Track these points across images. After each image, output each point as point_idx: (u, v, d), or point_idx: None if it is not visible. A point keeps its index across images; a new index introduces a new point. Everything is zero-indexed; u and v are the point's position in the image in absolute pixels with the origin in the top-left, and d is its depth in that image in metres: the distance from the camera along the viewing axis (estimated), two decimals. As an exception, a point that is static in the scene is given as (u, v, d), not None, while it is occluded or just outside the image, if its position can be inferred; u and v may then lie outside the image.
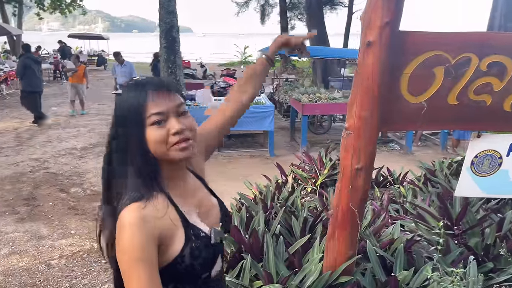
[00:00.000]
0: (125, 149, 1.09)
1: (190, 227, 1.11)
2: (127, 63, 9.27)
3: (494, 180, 2.27)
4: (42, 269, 3.57)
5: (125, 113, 1.09)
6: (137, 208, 1.03)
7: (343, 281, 2.20)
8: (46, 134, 8.45)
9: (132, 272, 1.00)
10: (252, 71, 1.53)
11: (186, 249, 1.08)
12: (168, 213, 1.08)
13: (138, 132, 1.07)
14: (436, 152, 7.58)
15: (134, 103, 1.07)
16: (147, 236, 1.02)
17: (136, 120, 1.07)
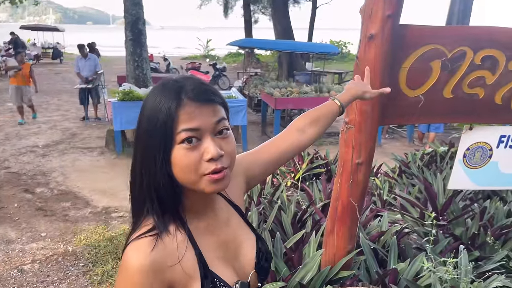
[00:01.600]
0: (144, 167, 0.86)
1: (210, 279, 0.88)
2: (90, 56, 8.88)
3: (485, 172, 2.34)
4: (14, 275, 3.34)
5: (149, 122, 0.84)
6: (150, 246, 0.83)
7: (343, 276, 2.20)
8: (4, 131, 7.94)
9: None
10: (318, 114, 1.27)
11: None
12: (184, 255, 0.86)
13: (162, 149, 0.83)
14: (403, 144, 7.81)
15: (162, 112, 0.83)
16: (156, 285, 0.82)
17: (161, 134, 0.83)
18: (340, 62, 22.61)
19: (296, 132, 1.22)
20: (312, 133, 1.24)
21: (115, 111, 6.52)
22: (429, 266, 2.24)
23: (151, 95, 0.87)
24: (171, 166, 0.84)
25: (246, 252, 0.99)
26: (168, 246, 0.84)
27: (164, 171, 0.84)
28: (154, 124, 0.83)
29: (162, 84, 0.88)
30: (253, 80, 9.96)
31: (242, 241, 1.00)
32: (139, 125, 0.87)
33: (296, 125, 1.24)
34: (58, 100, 11.39)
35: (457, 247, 2.53)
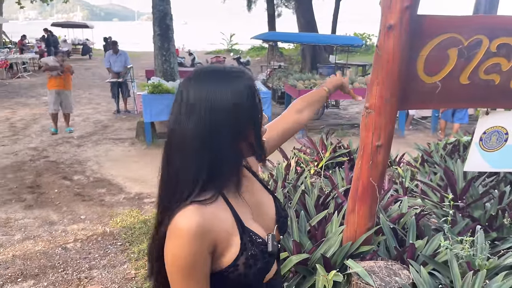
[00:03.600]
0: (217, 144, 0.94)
1: (247, 233, 1.00)
2: (121, 52, 9.24)
3: (501, 154, 2.44)
4: (59, 252, 3.65)
5: (240, 106, 0.95)
6: (197, 212, 0.93)
7: (363, 251, 2.36)
8: (40, 123, 8.40)
9: (181, 282, 0.94)
10: (312, 98, 1.61)
11: (241, 258, 0.98)
12: (224, 217, 0.98)
13: (247, 129, 0.99)
14: (427, 135, 7.83)
15: (252, 99, 0.99)
16: (204, 246, 0.93)
17: (248, 117, 0.98)
18: (364, 54, 22.44)
19: (295, 113, 1.52)
20: (308, 113, 1.55)
21: (145, 104, 6.82)
22: (446, 243, 2.38)
23: (238, 83, 0.97)
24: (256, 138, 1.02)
25: (267, 210, 1.14)
26: (212, 211, 0.95)
27: (242, 147, 1.00)
28: (249, 110, 0.97)
29: (239, 74, 0.99)
30: (276, 73, 10.11)
31: (264, 202, 1.14)
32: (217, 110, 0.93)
33: (295, 107, 1.54)
34: (89, 94, 11.87)
35: (474, 228, 2.65)
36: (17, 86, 13.14)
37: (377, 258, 2.40)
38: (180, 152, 0.95)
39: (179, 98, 0.98)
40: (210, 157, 0.94)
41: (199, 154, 0.94)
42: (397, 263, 2.31)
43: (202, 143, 0.94)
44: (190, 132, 0.94)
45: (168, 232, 0.94)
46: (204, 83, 0.96)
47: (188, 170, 0.95)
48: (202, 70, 1.00)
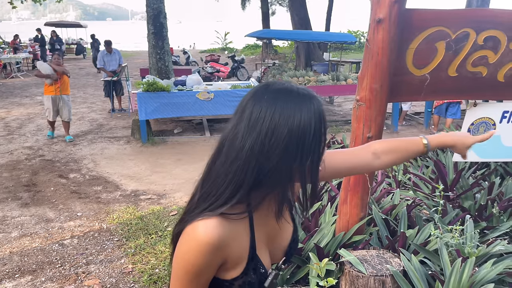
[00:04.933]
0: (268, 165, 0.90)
1: (254, 261, 0.99)
2: (115, 51, 9.24)
3: (488, 145, 2.50)
4: (56, 248, 3.68)
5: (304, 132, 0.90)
6: (220, 226, 0.92)
7: (356, 240, 2.42)
8: (35, 122, 8.39)
9: (181, 282, 0.96)
10: (400, 146, 1.28)
11: (239, 280, 0.98)
12: (242, 239, 0.96)
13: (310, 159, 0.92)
14: (420, 130, 7.90)
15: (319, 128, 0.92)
16: (216, 260, 0.93)
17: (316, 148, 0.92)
18: (358, 52, 22.53)
19: (371, 154, 1.25)
20: (386, 161, 1.25)
21: (140, 102, 6.84)
22: (436, 233, 2.44)
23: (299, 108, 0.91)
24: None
25: (282, 239, 1.09)
26: (234, 229, 0.94)
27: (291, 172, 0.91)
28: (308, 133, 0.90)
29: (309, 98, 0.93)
30: (271, 71, 10.15)
31: (282, 230, 1.08)
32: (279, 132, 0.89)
33: (374, 148, 1.26)
34: (84, 93, 11.85)
35: (464, 218, 2.71)
36: (11, 86, 13.09)
37: (369, 248, 2.46)
38: (230, 161, 0.92)
39: (242, 109, 0.94)
40: (257, 174, 0.91)
41: (248, 168, 0.91)
42: (389, 252, 2.37)
43: (254, 159, 0.90)
44: (247, 146, 0.90)
45: (184, 234, 0.94)
46: (273, 100, 0.91)
47: (232, 181, 0.92)
48: (273, 86, 0.95)
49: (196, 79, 7.75)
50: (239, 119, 0.93)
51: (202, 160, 1.14)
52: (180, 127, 8.02)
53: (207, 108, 7.15)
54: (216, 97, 7.10)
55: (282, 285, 2.26)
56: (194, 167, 5.73)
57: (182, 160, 6.07)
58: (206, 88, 7.36)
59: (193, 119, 8.50)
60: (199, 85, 7.58)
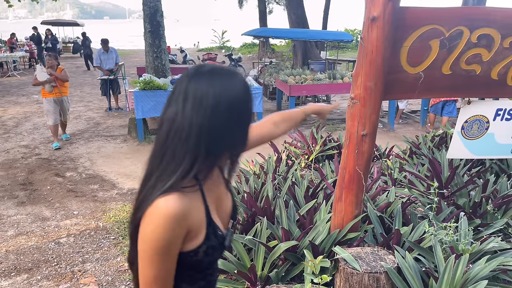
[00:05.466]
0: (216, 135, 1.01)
1: (212, 226, 1.09)
2: (112, 49, 9.22)
3: (482, 142, 2.52)
4: (52, 247, 3.68)
5: (239, 102, 1.03)
6: (178, 200, 0.99)
7: (351, 237, 2.43)
8: (32, 121, 8.37)
9: (154, 261, 1.00)
10: (290, 115, 1.66)
11: (203, 247, 1.07)
12: (198, 207, 1.06)
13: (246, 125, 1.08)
14: (417, 128, 7.93)
15: (249, 96, 1.07)
16: (181, 231, 1.00)
17: (249, 112, 1.07)
18: (354, 50, 22.54)
19: (272, 124, 1.56)
20: (283, 128, 1.60)
21: (137, 100, 6.83)
22: (431, 230, 2.45)
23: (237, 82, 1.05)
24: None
25: (227, 206, 1.22)
26: (190, 200, 1.03)
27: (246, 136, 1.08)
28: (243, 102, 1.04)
29: (236, 73, 1.08)
30: (268, 69, 10.15)
31: (225, 197, 1.22)
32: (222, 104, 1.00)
33: (273, 119, 1.59)
34: (81, 92, 11.82)
35: (458, 215, 2.73)
36: (7, 84, 13.05)
37: (364, 245, 2.47)
38: (183, 140, 1.00)
39: (180, 92, 1.02)
40: (209, 146, 1.01)
41: (201, 143, 1.00)
42: (383, 249, 2.38)
43: (205, 133, 1.00)
44: (196, 125, 0.99)
45: (147, 215, 0.99)
46: (210, 79, 1.02)
47: (187, 159, 1.00)
48: (205, 68, 1.06)
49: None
50: (184, 103, 1.01)
51: None
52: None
53: (204, 107, 7.14)
54: (213, 96, 7.09)
55: (277, 282, 2.27)
56: (191, 165, 5.73)
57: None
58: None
59: (190, 118, 8.49)
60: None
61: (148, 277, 1.03)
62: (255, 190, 3.16)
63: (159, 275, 1.02)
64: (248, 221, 2.66)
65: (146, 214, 0.99)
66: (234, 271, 2.30)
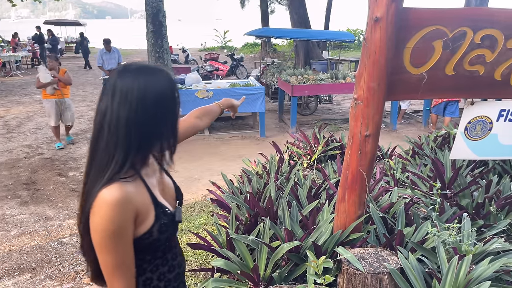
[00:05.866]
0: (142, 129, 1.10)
1: (159, 206, 1.19)
2: (114, 49, 9.24)
3: (485, 143, 2.52)
4: (55, 246, 3.69)
5: (164, 96, 1.13)
6: (120, 187, 1.07)
7: (354, 238, 2.43)
8: (35, 121, 8.39)
9: (110, 248, 1.07)
10: (209, 110, 1.81)
11: (156, 226, 1.16)
12: (142, 191, 1.15)
13: (174, 113, 1.17)
14: (419, 128, 7.92)
15: (174, 91, 1.17)
16: (128, 215, 1.08)
17: (173, 102, 1.16)
18: (357, 50, 22.53)
19: (195, 118, 1.72)
20: (206, 121, 1.77)
21: (139, 100, 6.82)
22: (433, 231, 2.45)
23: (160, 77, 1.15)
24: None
25: (169, 188, 1.34)
26: (132, 187, 1.12)
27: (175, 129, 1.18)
28: (168, 96, 1.14)
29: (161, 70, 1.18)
30: (270, 69, 10.15)
31: (164, 180, 1.33)
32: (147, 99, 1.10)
33: (195, 114, 1.74)
34: (83, 92, 11.84)
35: (461, 216, 2.73)
36: (10, 84, 13.08)
37: (367, 246, 2.47)
38: (114, 135, 1.08)
39: (109, 88, 1.11)
40: (139, 139, 1.10)
41: (131, 136, 1.09)
42: (386, 250, 2.38)
43: (133, 127, 1.09)
44: (123, 118, 1.08)
45: (94, 206, 1.06)
46: (136, 76, 1.12)
47: (119, 151, 1.09)
48: (132, 66, 1.15)
49: (195, 77, 7.75)
50: (112, 98, 1.09)
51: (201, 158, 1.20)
52: (179, 126, 8.03)
53: (206, 107, 7.14)
54: (215, 96, 7.10)
55: (280, 283, 2.27)
56: (194, 165, 5.75)
57: (182, 158, 6.07)
58: (205, 87, 7.37)
59: (192, 118, 8.49)
60: (198, 84, 7.58)
61: (109, 266, 1.09)
62: (257, 191, 3.17)
63: (118, 261, 1.09)
64: (251, 221, 2.67)
65: (93, 206, 1.06)
66: (237, 272, 2.30)
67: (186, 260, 3.31)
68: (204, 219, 4.10)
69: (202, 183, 5.16)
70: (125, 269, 1.11)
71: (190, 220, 4.09)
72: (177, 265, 1.33)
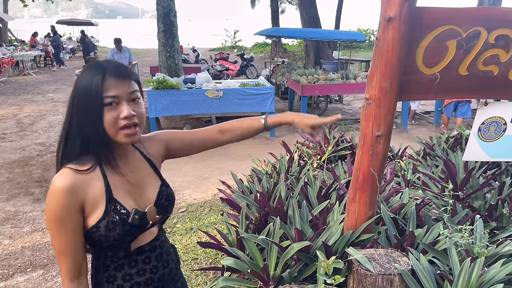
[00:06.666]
0: (80, 123, 1.16)
1: (113, 202, 1.18)
2: (125, 48, 9.32)
3: (499, 144, 2.49)
4: (67, 243, 3.73)
5: (85, 91, 1.15)
6: (69, 175, 1.12)
7: (364, 239, 2.41)
8: (47, 119, 8.49)
9: (54, 232, 1.13)
10: (242, 126, 1.53)
11: (103, 222, 1.16)
12: (95, 185, 1.16)
13: (93, 109, 1.14)
14: (430, 129, 7.84)
15: (92, 83, 1.14)
16: (71, 204, 1.11)
17: (92, 99, 1.14)
18: (367, 50, 22.40)
19: (217, 131, 1.54)
20: (229, 137, 1.53)
21: (150, 99, 6.88)
22: (445, 232, 2.43)
23: (83, 73, 1.19)
24: (101, 121, 1.15)
25: (149, 192, 1.31)
26: (84, 178, 1.15)
27: (94, 123, 1.15)
28: (88, 94, 1.14)
29: (91, 65, 1.20)
30: (280, 69, 10.14)
31: (148, 184, 1.31)
32: (74, 94, 1.18)
33: (220, 126, 1.55)
34: (94, 91, 11.96)
35: (474, 218, 2.69)
36: (23, 83, 13.26)
37: (378, 246, 2.45)
38: (63, 130, 1.20)
39: (76, 84, 1.20)
40: (77, 135, 1.17)
41: (70, 133, 1.18)
42: (397, 251, 2.37)
43: (70, 123, 1.18)
44: (66, 113, 1.20)
45: (49, 189, 1.14)
46: (81, 73, 1.21)
47: (66, 145, 1.18)
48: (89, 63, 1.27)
49: (205, 77, 7.77)
50: None
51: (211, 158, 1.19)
52: (190, 125, 8.07)
53: (216, 106, 7.18)
54: (225, 95, 7.12)
55: (290, 282, 2.27)
56: (204, 164, 5.77)
57: (192, 158, 6.09)
58: (215, 86, 7.38)
59: (202, 117, 8.53)
60: (208, 83, 7.60)
61: (55, 249, 1.16)
62: (267, 190, 3.17)
63: (61, 247, 1.15)
64: (261, 220, 2.67)
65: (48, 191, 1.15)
66: (247, 271, 2.31)
67: (195, 258, 3.32)
68: (214, 218, 4.12)
69: (212, 182, 5.18)
70: (67, 255, 1.16)
71: (200, 219, 4.11)
72: (151, 270, 1.30)
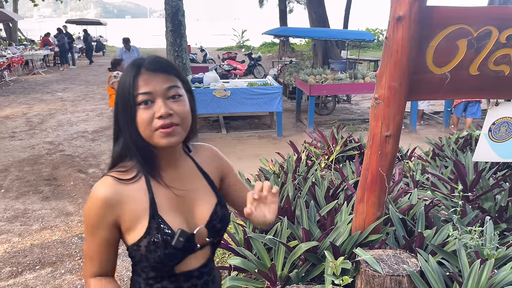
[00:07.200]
0: (122, 127, 1.07)
1: (156, 220, 1.06)
2: (134, 48, 9.36)
3: (510, 145, 2.45)
4: (75, 241, 3.76)
5: (119, 90, 1.07)
6: (110, 186, 1.05)
7: (372, 239, 2.40)
8: (56, 118, 8.57)
9: (86, 235, 1.11)
10: None
11: (144, 241, 1.04)
12: (138, 197, 1.06)
13: (127, 109, 1.04)
14: (439, 130, 7.78)
15: (126, 81, 1.05)
16: (104, 216, 1.04)
17: (125, 98, 1.04)
18: (376, 50, 22.28)
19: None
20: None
21: (158, 98, 6.89)
22: (455, 233, 2.40)
23: (124, 71, 1.10)
24: (135, 122, 1.04)
25: (201, 210, 1.15)
26: (126, 190, 1.06)
27: (129, 125, 1.04)
28: (123, 92, 1.05)
29: (131, 62, 1.10)
30: (288, 68, 10.12)
31: (200, 201, 1.16)
32: (116, 94, 1.10)
33: None
34: (103, 90, 12.01)
35: (483, 219, 2.67)
36: (32, 82, 13.39)
37: (386, 247, 2.44)
38: (113, 133, 1.13)
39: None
40: (120, 139, 1.09)
41: (117, 136, 1.11)
42: (406, 252, 2.35)
43: (116, 126, 1.11)
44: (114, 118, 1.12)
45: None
46: None
47: (113, 149, 1.12)
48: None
49: (213, 76, 7.78)
50: None
51: None
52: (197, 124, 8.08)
53: (223, 106, 7.18)
54: (232, 95, 7.12)
55: (297, 283, 2.26)
56: (211, 164, 5.76)
57: (198, 157, 6.11)
58: (223, 86, 7.39)
59: (209, 117, 8.55)
60: (216, 83, 7.61)
61: (84, 249, 1.14)
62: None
63: (89, 252, 1.12)
64: (268, 220, 2.66)
65: None
66: (254, 270, 2.30)
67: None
68: (221, 217, 4.11)
69: (219, 181, 5.17)
70: (93, 261, 1.12)
71: (207, 218, 4.11)
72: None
